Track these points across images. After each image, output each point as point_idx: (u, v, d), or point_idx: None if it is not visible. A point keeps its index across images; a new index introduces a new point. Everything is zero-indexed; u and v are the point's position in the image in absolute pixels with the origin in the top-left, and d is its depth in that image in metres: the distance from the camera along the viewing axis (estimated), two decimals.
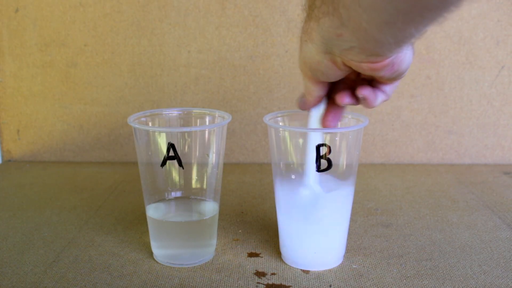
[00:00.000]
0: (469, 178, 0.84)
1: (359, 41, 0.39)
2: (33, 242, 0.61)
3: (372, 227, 0.65)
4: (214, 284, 0.52)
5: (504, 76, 0.89)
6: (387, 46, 0.39)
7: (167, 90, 0.91)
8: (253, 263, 0.56)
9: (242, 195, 0.77)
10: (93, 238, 0.62)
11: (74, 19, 0.89)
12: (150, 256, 0.57)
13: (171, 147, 0.52)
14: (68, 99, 0.92)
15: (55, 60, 0.91)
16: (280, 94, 0.90)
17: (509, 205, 0.73)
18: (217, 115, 0.58)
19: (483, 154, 0.92)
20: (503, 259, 0.57)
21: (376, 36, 0.37)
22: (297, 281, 0.52)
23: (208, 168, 0.56)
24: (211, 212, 0.56)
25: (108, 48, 0.90)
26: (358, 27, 0.37)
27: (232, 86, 0.90)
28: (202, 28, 0.88)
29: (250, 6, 0.87)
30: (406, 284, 0.52)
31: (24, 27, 0.90)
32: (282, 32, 0.88)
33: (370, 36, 0.37)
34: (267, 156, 0.93)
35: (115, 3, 0.88)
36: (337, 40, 0.41)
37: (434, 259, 0.57)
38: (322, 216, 0.53)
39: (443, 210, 0.71)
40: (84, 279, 0.52)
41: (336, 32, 0.40)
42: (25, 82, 0.92)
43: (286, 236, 0.56)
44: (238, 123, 0.91)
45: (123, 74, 0.91)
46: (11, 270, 0.54)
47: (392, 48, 0.40)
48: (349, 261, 0.56)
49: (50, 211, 0.69)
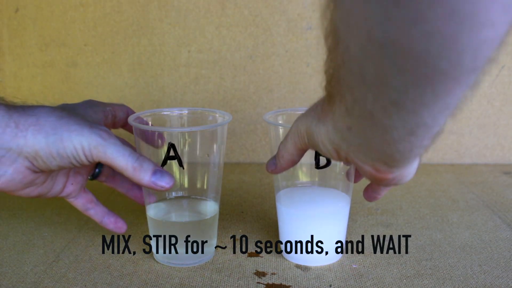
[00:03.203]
0: (469, 178, 0.84)
1: (366, 135, 0.36)
2: (33, 242, 0.61)
3: (372, 227, 0.65)
4: (214, 284, 0.52)
5: (504, 76, 0.89)
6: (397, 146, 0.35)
7: (167, 90, 0.91)
8: (253, 263, 0.56)
9: (242, 195, 0.77)
10: (93, 238, 0.62)
11: (74, 19, 0.89)
12: (150, 256, 0.57)
13: (171, 147, 0.52)
14: (68, 99, 0.92)
15: (55, 60, 0.91)
16: (280, 94, 0.90)
17: (509, 205, 0.73)
18: (217, 115, 0.58)
19: (483, 154, 0.92)
20: (503, 259, 0.57)
21: (383, 122, 0.33)
22: (297, 281, 0.52)
23: (208, 168, 0.55)
24: (211, 212, 0.56)
25: (108, 48, 0.90)
26: (363, 112, 0.34)
27: (232, 86, 0.90)
28: (202, 28, 0.88)
29: (250, 6, 0.87)
30: (406, 284, 0.52)
31: (24, 27, 0.90)
32: (282, 32, 0.88)
33: (377, 124, 0.34)
34: (267, 156, 0.93)
35: (115, 3, 0.88)
36: (347, 132, 0.38)
37: (434, 259, 0.57)
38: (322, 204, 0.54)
39: (443, 210, 0.71)
40: (84, 279, 0.52)
41: (346, 123, 0.37)
42: (25, 82, 0.92)
43: (288, 229, 0.56)
44: (238, 123, 0.91)
45: (123, 74, 0.91)
46: (11, 270, 0.54)
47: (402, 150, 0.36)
48: (349, 261, 0.56)
49: (50, 211, 0.69)
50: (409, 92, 0.30)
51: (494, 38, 0.26)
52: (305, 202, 0.57)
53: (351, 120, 0.36)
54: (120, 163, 0.47)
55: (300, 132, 0.45)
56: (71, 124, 0.47)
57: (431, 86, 0.29)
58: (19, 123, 0.46)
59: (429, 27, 0.26)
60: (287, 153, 0.48)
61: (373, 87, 0.31)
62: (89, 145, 0.47)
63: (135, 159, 0.48)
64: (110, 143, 0.47)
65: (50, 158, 0.47)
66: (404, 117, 0.32)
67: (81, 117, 0.49)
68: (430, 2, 0.25)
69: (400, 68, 0.29)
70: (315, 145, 0.44)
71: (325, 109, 0.41)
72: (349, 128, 0.37)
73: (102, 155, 0.47)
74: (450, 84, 0.29)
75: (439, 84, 0.29)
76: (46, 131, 0.46)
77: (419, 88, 0.29)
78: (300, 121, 0.45)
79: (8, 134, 0.45)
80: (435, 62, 0.27)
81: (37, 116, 0.47)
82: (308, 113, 0.45)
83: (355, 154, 0.40)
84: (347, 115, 0.36)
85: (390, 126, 0.33)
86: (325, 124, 0.41)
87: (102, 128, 0.48)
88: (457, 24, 0.25)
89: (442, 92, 0.29)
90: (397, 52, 0.28)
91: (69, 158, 0.47)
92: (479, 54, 0.27)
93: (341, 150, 0.40)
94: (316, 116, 0.43)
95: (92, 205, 0.56)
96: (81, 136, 0.47)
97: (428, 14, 0.25)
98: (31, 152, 0.46)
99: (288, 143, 0.47)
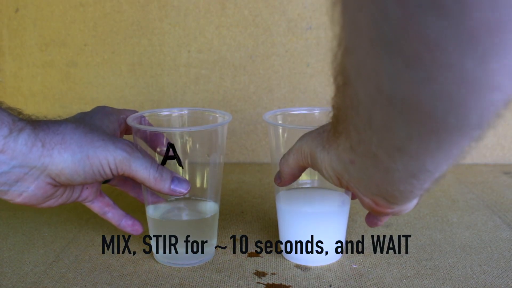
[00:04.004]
0: (469, 178, 0.84)
1: (368, 172, 0.37)
2: (33, 242, 0.61)
3: (372, 227, 0.65)
4: (214, 284, 0.52)
5: None
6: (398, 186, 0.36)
7: (167, 90, 0.91)
8: (253, 263, 0.56)
9: (242, 195, 0.77)
10: (93, 238, 0.62)
11: (74, 19, 0.89)
12: (150, 256, 0.57)
13: (171, 147, 0.52)
14: (68, 99, 0.92)
15: (55, 60, 0.91)
16: (280, 94, 0.90)
17: (509, 205, 0.73)
18: (218, 115, 0.58)
19: (483, 154, 0.92)
20: (503, 259, 0.57)
21: (385, 164, 0.34)
22: (297, 281, 0.52)
23: (208, 168, 0.55)
24: (211, 212, 0.56)
25: (108, 48, 0.90)
26: (367, 152, 0.35)
27: (232, 86, 0.90)
28: (202, 28, 0.88)
29: (250, 6, 0.87)
30: (406, 284, 0.52)
31: (24, 27, 0.90)
32: (282, 32, 0.88)
33: (380, 164, 0.35)
34: (267, 156, 0.93)
35: (115, 3, 0.88)
36: (350, 165, 0.39)
37: (434, 259, 0.57)
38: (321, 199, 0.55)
39: (443, 210, 0.71)
40: (84, 279, 0.52)
41: (349, 156, 0.38)
42: (25, 82, 0.92)
43: (288, 228, 0.56)
44: (238, 123, 0.91)
45: (123, 74, 0.91)
46: (11, 270, 0.54)
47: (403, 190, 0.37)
48: (349, 261, 0.56)
49: (50, 211, 0.69)
50: (413, 141, 0.30)
51: (501, 99, 0.27)
52: (305, 202, 0.57)
53: (355, 156, 0.37)
54: (143, 175, 0.49)
55: (304, 152, 0.46)
56: (96, 140, 0.49)
57: (436, 138, 0.30)
58: (45, 142, 0.47)
59: (438, 88, 0.26)
60: (288, 168, 0.50)
61: (379, 132, 0.32)
62: (114, 159, 0.48)
63: (156, 169, 0.50)
64: (134, 157, 0.49)
65: (75, 175, 0.48)
66: (407, 161, 0.33)
67: (102, 131, 0.51)
68: (440, 65, 0.25)
69: (407, 120, 0.29)
70: (318, 169, 0.45)
71: (330, 139, 0.42)
72: (352, 162, 0.38)
73: (127, 168, 0.49)
74: (455, 137, 0.29)
75: (444, 136, 0.29)
76: (73, 149, 0.47)
77: (424, 139, 0.30)
78: (306, 142, 0.47)
79: (34, 153, 0.46)
80: (442, 118, 0.28)
81: (63, 134, 0.48)
82: (314, 136, 0.46)
83: (356, 185, 0.41)
84: (351, 151, 0.37)
85: (392, 169, 0.34)
86: (329, 153, 0.42)
87: (125, 142, 0.50)
88: (466, 87, 0.26)
89: (447, 143, 0.30)
90: (405, 106, 0.28)
91: (95, 173, 0.49)
92: (486, 114, 0.28)
93: (343, 179, 0.42)
94: (321, 143, 0.44)
95: (109, 208, 0.56)
96: (107, 152, 0.48)
97: (437, 77, 0.26)
98: (55, 170, 0.47)
99: (290, 159, 0.49)
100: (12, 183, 0.46)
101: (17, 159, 0.45)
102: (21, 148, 0.45)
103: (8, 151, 0.45)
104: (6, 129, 0.45)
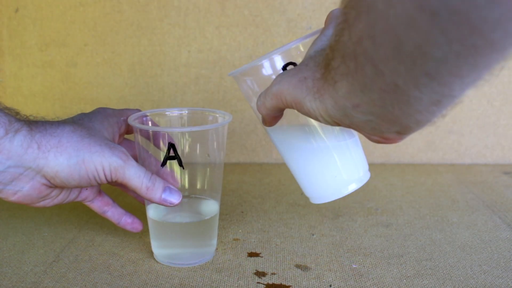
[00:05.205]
0: (469, 178, 0.84)
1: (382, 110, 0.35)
2: (33, 242, 0.61)
3: (372, 227, 0.65)
4: (214, 284, 0.52)
5: (504, 75, 0.89)
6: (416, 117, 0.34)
7: (167, 90, 0.91)
8: (253, 263, 0.56)
9: (242, 195, 0.77)
10: (93, 238, 0.62)
11: (74, 19, 0.89)
12: (150, 256, 0.57)
13: (171, 147, 0.52)
14: (68, 99, 0.92)
15: (55, 60, 0.91)
16: None
17: (509, 205, 0.73)
18: (218, 115, 0.58)
19: (483, 154, 0.92)
20: (503, 259, 0.57)
21: (408, 94, 0.32)
22: (297, 281, 0.52)
23: (208, 168, 0.56)
24: (212, 212, 0.56)
25: (108, 48, 0.90)
26: (386, 86, 0.32)
27: (232, 86, 0.90)
28: (202, 28, 0.88)
29: (250, 6, 0.87)
30: (406, 284, 0.52)
31: (24, 27, 0.90)
32: (282, 32, 0.88)
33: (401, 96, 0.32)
34: (267, 156, 0.93)
35: (115, 3, 0.88)
36: (352, 110, 0.37)
37: (434, 259, 0.57)
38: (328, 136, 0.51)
39: (443, 210, 0.71)
40: (84, 279, 0.52)
41: (353, 101, 0.36)
42: (25, 82, 0.92)
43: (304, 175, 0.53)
44: (238, 123, 0.91)
45: (123, 74, 0.91)
46: (11, 270, 0.54)
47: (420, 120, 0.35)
48: (349, 261, 0.56)
49: (50, 211, 0.69)
50: (448, 63, 0.29)
51: None
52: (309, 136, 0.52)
53: (362, 98, 0.35)
54: (136, 183, 0.50)
55: (285, 100, 0.44)
56: (93, 145, 0.49)
57: (474, 58, 0.28)
58: (41, 144, 0.47)
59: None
60: (267, 110, 0.47)
61: (409, 59, 0.30)
62: (109, 166, 0.49)
63: (148, 179, 0.51)
64: (129, 165, 0.50)
65: (70, 179, 0.49)
66: (434, 88, 0.31)
67: (100, 135, 0.51)
68: None
69: (449, 38, 0.27)
70: (309, 115, 0.42)
71: (322, 87, 0.39)
72: (357, 106, 0.36)
73: (121, 175, 0.50)
74: (494, 55, 0.28)
75: (484, 53, 0.28)
76: (69, 152, 0.48)
77: (461, 60, 0.28)
78: (286, 89, 0.43)
79: (29, 155, 0.47)
80: (489, 32, 0.27)
81: (60, 137, 0.48)
82: (294, 83, 0.42)
83: (361, 127, 0.39)
84: (358, 94, 0.35)
85: (415, 98, 0.32)
86: (322, 102, 0.40)
87: (121, 150, 0.50)
88: None
89: (481, 64, 0.29)
90: (451, 21, 0.27)
91: (89, 178, 0.49)
92: None
93: (343, 123, 0.40)
94: (308, 91, 0.41)
95: (109, 207, 0.57)
96: (103, 158, 0.49)
97: None
98: (50, 172, 0.48)
99: (267, 103, 0.46)
100: (7, 182, 0.47)
101: (13, 160, 0.46)
102: (16, 149, 0.46)
103: (3, 151, 0.45)
104: (2, 130, 0.45)
